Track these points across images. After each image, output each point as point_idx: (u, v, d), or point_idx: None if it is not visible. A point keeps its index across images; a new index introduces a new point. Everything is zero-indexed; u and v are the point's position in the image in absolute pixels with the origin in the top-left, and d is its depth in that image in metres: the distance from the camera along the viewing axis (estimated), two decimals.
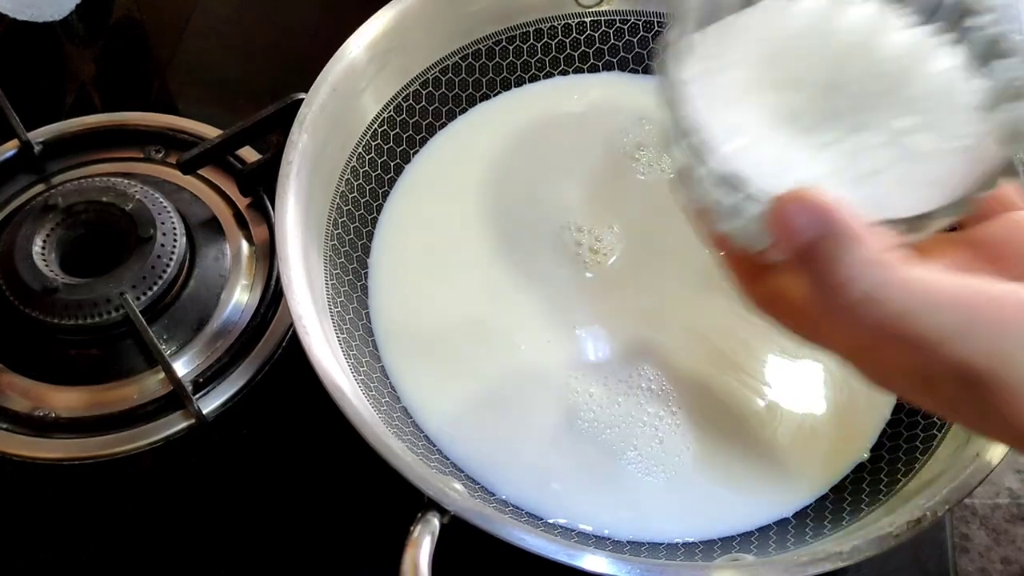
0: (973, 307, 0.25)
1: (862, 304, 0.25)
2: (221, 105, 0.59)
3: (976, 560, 0.90)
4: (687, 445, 0.42)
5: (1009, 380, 0.24)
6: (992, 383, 0.24)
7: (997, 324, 0.24)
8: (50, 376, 0.47)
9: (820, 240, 0.25)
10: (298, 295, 0.39)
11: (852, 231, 0.25)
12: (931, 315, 0.25)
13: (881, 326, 0.25)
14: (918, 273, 0.25)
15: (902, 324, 0.25)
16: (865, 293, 0.25)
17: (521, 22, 0.51)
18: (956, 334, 0.24)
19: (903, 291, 0.25)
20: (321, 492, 0.45)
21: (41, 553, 0.43)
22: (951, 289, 0.25)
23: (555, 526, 0.40)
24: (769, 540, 0.40)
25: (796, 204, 0.26)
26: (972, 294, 0.25)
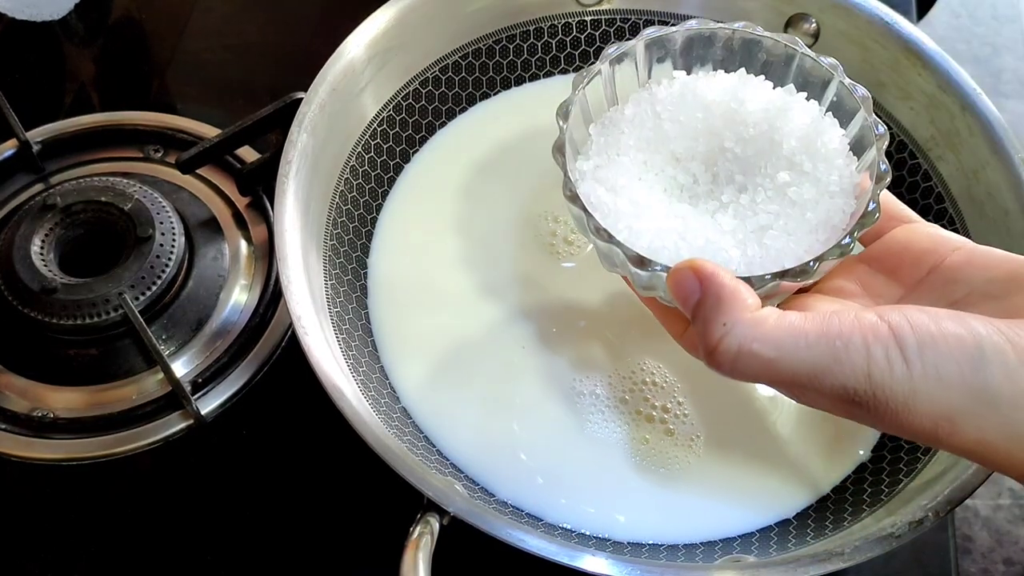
0: (838, 337, 0.27)
1: (739, 359, 0.28)
2: (220, 105, 0.59)
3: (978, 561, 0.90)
4: (691, 442, 0.42)
5: (886, 398, 0.27)
6: (871, 401, 0.27)
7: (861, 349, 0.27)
8: (49, 376, 0.47)
9: (700, 304, 0.29)
10: (297, 295, 0.39)
11: (725, 295, 0.29)
12: (800, 355, 0.28)
13: (759, 375, 0.28)
14: (787, 321, 0.28)
15: (776, 369, 0.28)
16: (739, 348, 0.28)
17: (521, 21, 0.51)
18: (827, 368, 0.27)
19: (772, 341, 0.28)
20: (321, 492, 0.45)
21: (41, 553, 0.43)
22: (815, 328, 0.28)
23: (555, 527, 0.40)
24: (770, 541, 0.39)
25: (686, 272, 0.30)
26: (837, 328, 0.27)
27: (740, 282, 0.30)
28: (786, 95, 0.37)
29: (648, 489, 0.41)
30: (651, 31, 0.38)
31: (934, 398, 0.27)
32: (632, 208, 0.35)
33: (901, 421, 0.27)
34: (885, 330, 0.27)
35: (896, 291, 0.34)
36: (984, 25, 1.39)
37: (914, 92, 0.47)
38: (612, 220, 0.34)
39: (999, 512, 0.93)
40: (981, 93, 0.45)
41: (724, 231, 0.34)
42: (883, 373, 0.27)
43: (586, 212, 0.34)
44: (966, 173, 0.45)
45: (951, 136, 0.45)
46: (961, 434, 0.27)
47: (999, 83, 1.35)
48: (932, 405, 0.27)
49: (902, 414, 0.27)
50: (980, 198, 0.44)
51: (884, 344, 0.27)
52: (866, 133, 0.35)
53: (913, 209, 0.46)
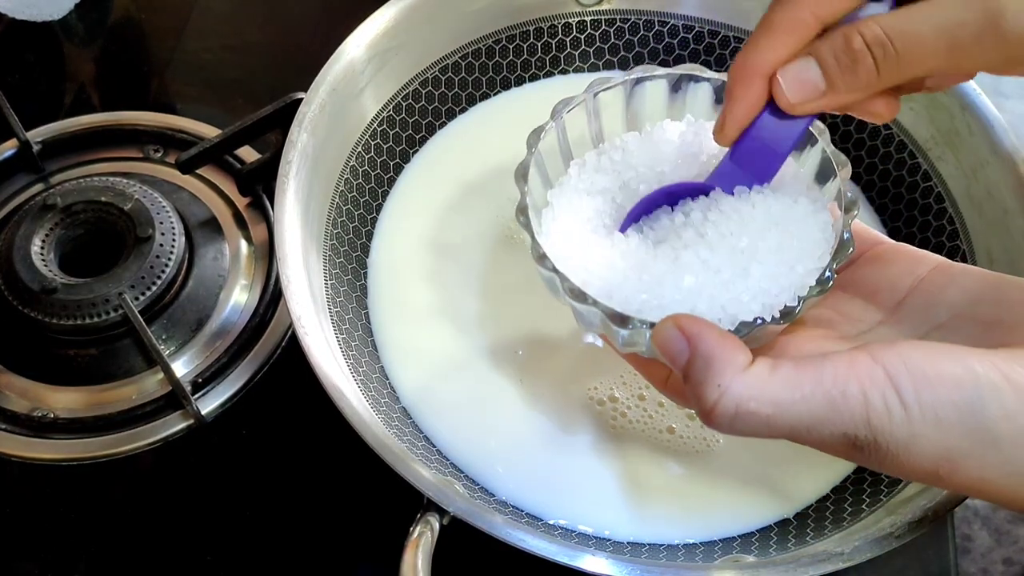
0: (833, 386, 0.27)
1: (736, 419, 0.28)
2: (220, 105, 0.59)
3: (978, 561, 0.90)
4: (696, 441, 0.42)
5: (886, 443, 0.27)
6: (872, 447, 0.27)
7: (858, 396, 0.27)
8: (49, 376, 0.47)
9: (690, 363, 0.29)
10: (297, 295, 0.39)
11: (715, 354, 0.28)
12: (798, 408, 0.27)
13: (758, 431, 0.28)
14: (781, 374, 0.27)
15: (775, 424, 0.27)
16: (736, 409, 0.27)
17: (521, 21, 0.51)
18: (825, 417, 0.27)
19: (767, 397, 0.27)
20: (321, 492, 0.45)
21: (41, 553, 0.43)
22: (810, 378, 0.27)
23: (555, 527, 0.40)
24: (770, 541, 0.39)
25: (671, 331, 0.29)
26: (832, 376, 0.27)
27: (728, 337, 0.29)
28: None
29: (648, 489, 0.41)
30: (596, 84, 0.37)
31: (934, 440, 0.26)
32: (603, 266, 0.34)
33: (902, 464, 0.27)
34: (881, 375, 0.27)
35: (875, 315, 0.33)
36: None
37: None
38: (585, 276, 0.34)
39: (999, 512, 0.93)
40: (981, 93, 0.45)
41: (700, 281, 0.33)
42: (882, 419, 0.27)
43: (558, 273, 0.33)
44: (966, 173, 0.45)
45: (951, 136, 0.45)
46: (963, 473, 0.27)
47: (999, 83, 1.35)
48: (932, 447, 0.27)
49: (903, 457, 0.27)
50: (980, 198, 0.44)
51: (881, 389, 0.27)
52: (826, 165, 0.35)
53: (913, 209, 0.46)
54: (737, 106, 0.32)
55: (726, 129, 0.33)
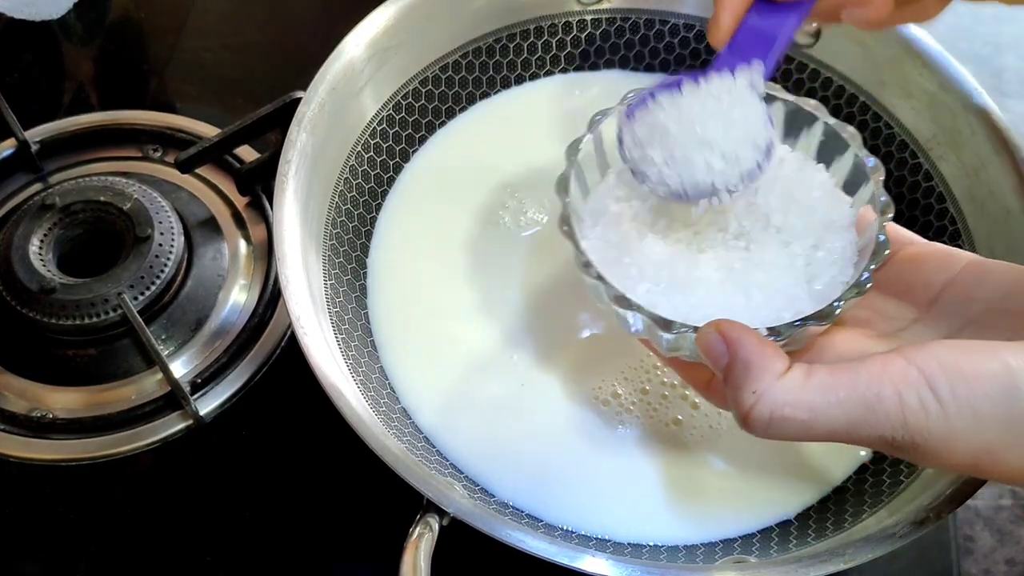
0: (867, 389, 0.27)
1: (771, 424, 0.28)
2: (219, 104, 0.59)
3: (980, 561, 0.90)
4: (696, 441, 0.41)
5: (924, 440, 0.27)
6: (910, 446, 0.27)
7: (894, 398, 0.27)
8: (47, 377, 0.47)
9: (729, 368, 0.29)
10: (296, 295, 0.39)
11: (753, 360, 0.29)
12: (833, 412, 0.28)
13: (795, 436, 0.29)
14: (816, 380, 0.28)
15: (811, 429, 0.28)
16: (771, 414, 0.28)
17: (521, 20, 0.51)
18: (862, 420, 0.28)
19: (803, 403, 0.28)
20: (320, 493, 0.45)
21: (40, 553, 0.43)
22: (846, 383, 0.28)
23: (555, 528, 0.40)
24: (771, 542, 0.39)
25: (713, 335, 0.30)
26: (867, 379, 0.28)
27: (766, 344, 0.30)
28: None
29: (648, 489, 0.41)
30: (631, 95, 0.38)
31: (972, 435, 0.27)
32: (646, 271, 0.35)
33: (942, 459, 0.28)
34: (915, 374, 0.27)
35: (909, 313, 0.34)
36: (986, 24, 1.39)
37: (915, 91, 0.47)
38: (629, 283, 0.35)
39: (1001, 512, 0.93)
40: (983, 92, 0.45)
41: (741, 286, 0.35)
42: (918, 418, 0.27)
43: (602, 281, 0.34)
44: (967, 172, 0.45)
45: (952, 135, 0.45)
46: (1003, 465, 0.27)
47: (1001, 82, 1.35)
48: (971, 442, 0.27)
49: (943, 454, 0.27)
50: (981, 197, 0.44)
51: (916, 389, 0.27)
52: (859, 169, 0.36)
53: (914, 209, 0.46)
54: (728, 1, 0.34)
55: (720, 24, 0.34)
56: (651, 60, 0.53)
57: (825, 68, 0.49)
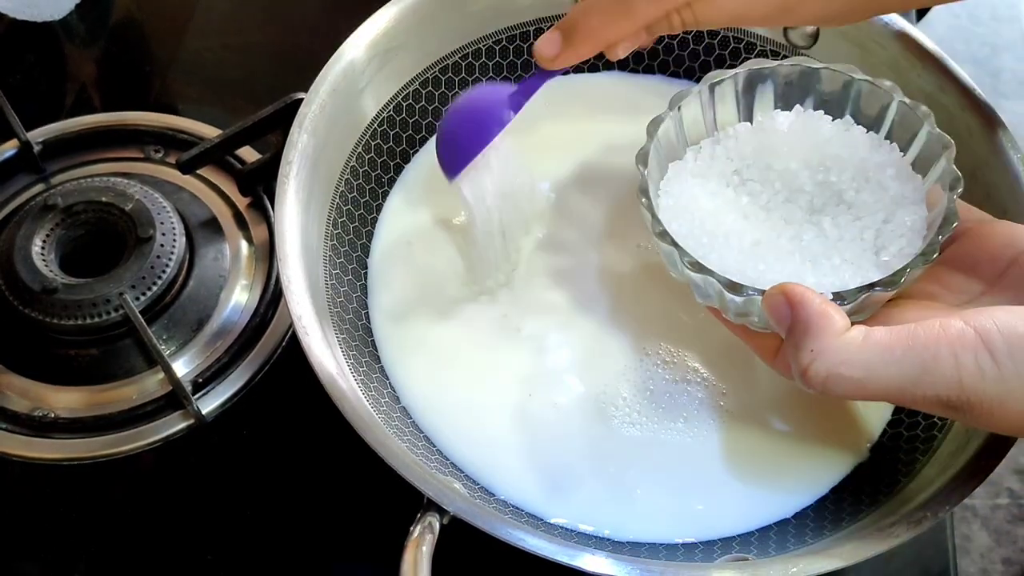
0: (924, 349, 0.28)
1: (828, 381, 0.29)
2: (221, 105, 0.59)
3: (977, 561, 0.90)
4: (696, 441, 0.42)
5: (980, 401, 0.28)
6: (965, 406, 0.28)
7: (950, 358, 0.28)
8: (49, 376, 0.47)
9: (791, 328, 0.31)
10: (297, 295, 0.39)
11: (813, 320, 0.30)
12: (889, 371, 0.29)
13: (852, 394, 0.30)
14: (873, 339, 0.29)
15: (867, 387, 0.29)
16: (828, 372, 0.29)
17: (521, 21, 0.51)
18: (918, 379, 0.28)
19: (859, 362, 0.29)
20: (321, 492, 0.45)
21: (41, 553, 0.43)
22: (902, 342, 0.29)
23: (555, 527, 0.40)
24: (769, 541, 0.40)
25: (778, 297, 0.31)
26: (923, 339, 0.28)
27: (829, 305, 0.31)
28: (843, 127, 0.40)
29: (648, 489, 0.41)
30: (712, 75, 0.41)
31: None
32: (718, 238, 0.37)
33: (997, 419, 0.28)
34: (972, 335, 0.28)
35: (977, 287, 0.34)
36: (983, 25, 1.39)
37: (913, 93, 0.47)
38: (702, 252, 0.37)
39: (998, 512, 0.93)
40: (980, 93, 0.45)
41: (810, 252, 0.36)
42: (974, 379, 0.28)
43: (677, 247, 0.36)
44: (965, 173, 0.45)
45: (950, 136, 0.45)
46: None
47: (998, 83, 1.35)
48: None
49: (997, 413, 0.28)
50: (979, 198, 0.44)
51: (973, 350, 0.28)
52: (932, 146, 0.37)
53: None
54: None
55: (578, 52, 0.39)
56: (650, 61, 0.53)
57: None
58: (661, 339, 0.44)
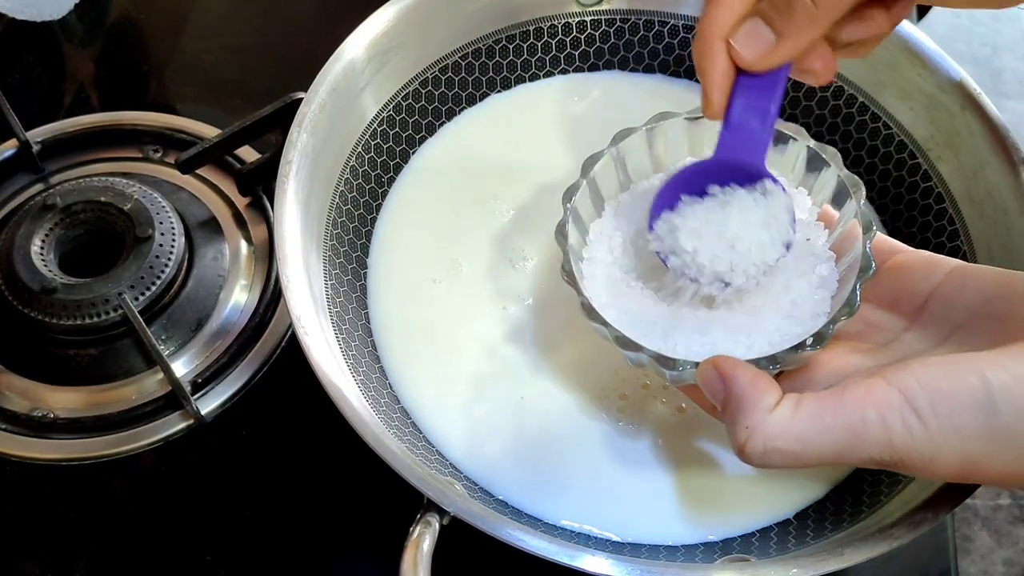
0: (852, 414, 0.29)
1: (766, 456, 0.30)
2: (220, 105, 0.59)
3: (978, 562, 0.90)
4: (696, 441, 0.42)
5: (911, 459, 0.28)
6: (899, 464, 0.29)
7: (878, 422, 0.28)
8: (48, 376, 0.47)
9: (725, 403, 0.31)
10: (297, 295, 0.39)
11: (744, 396, 0.30)
12: (823, 440, 0.29)
13: (789, 464, 0.30)
14: (804, 411, 0.29)
15: (803, 458, 0.29)
16: (764, 447, 0.30)
17: (521, 21, 0.51)
18: (851, 445, 0.29)
19: (793, 435, 0.29)
20: (321, 492, 0.45)
21: (41, 553, 0.43)
22: (832, 410, 0.29)
23: (555, 527, 0.40)
24: (770, 541, 0.39)
25: (710, 372, 0.32)
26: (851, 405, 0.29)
27: (759, 377, 0.31)
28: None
29: (648, 489, 0.41)
30: (618, 135, 0.39)
31: (955, 449, 0.28)
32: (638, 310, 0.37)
33: (930, 472, 0.29)
34: (896, 397, 0.28)
35: (899, 323, 0.35)
36: (984, 25, 1.39)
37: (914, 92, 0.47)
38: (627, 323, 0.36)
39: (999, 512, 0.93)
40: (981, 93, 0.45)
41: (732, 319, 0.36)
42: (904, 439, 0.28)
43: (607, 325, 0.35)
44: (966, 173, 0.45)
45: (951, 136, 0.45)
46: (986, 471, 0.29)
47: (999, 83, 1.35)
48: (954, 455, 0.28)
49: (929, 467, 0.29)
50: (980, 198, 0.44)
51: (899, 411, 0.28)
52: (842, 188, 0.37)
53: (913, 209, 0.46)
54: (710, 77, 0.34)
55: (711, 101, 0.34)
56: (651, 61, 0.53)
57: None
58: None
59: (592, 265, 0.38)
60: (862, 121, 0.49)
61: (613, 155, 0.40)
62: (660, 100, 0.47)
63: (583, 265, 0.38)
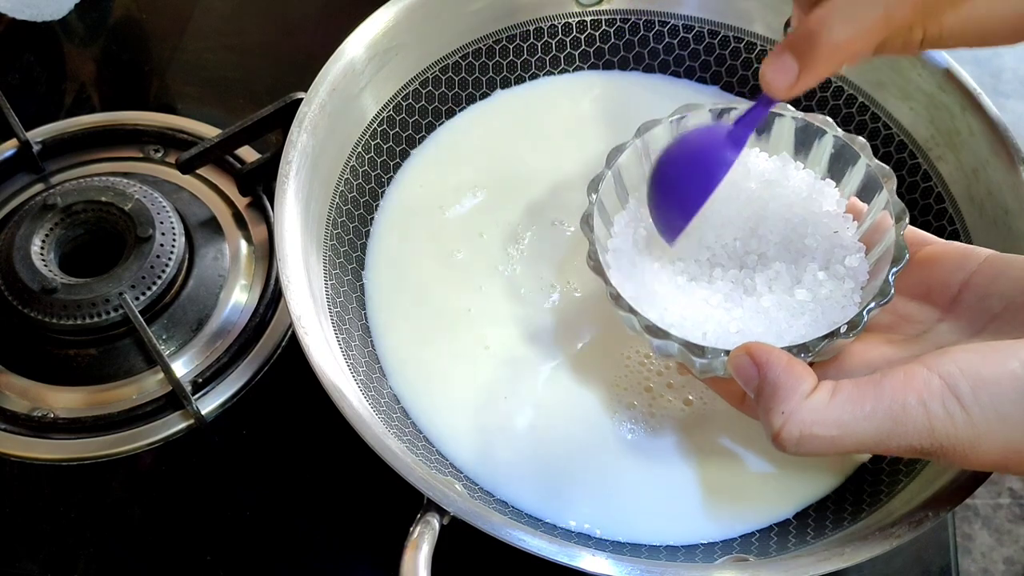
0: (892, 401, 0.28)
1: (802, 442, 0.29)
2: (220, 105, 0.59)
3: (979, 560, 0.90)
4: (696, 441, 0.42)
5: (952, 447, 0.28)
6: (939, 451, 0.28)
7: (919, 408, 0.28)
8: (49, 376, 0.47)
9: (759, 389, 0.31)
10: (297, 295, 0.39)
11: (780, 382, 0.30)
12: (862, 426, 0.29)
13: (825, 451, 0.29)
14: (842, 396, 0.29)
15: (841, 444, 0.29)
16: (801, 433, 0.29)
17: (521, 21, 0.51)
18: (891, 431, 0.28)
19: (831, 421, 0.29)
20: (321, 493, 0.45)
21: (41, 553, 0.43)
22: (871, 396, 0.28)
23: (555, 527, 0.40)
24: (770, 541, 0.39)
25: (743, 358, 0.31)
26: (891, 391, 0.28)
27: (794, 363, 0.30)
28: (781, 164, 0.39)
29: (648, 489, 0.41)
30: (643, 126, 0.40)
31: (998, 436, 0.28)
32: (669, 297, 0.37)
33: (971, 461, 0.28)
34: (937, 383, 0.28)
35: (933, 314, 0.34)
36: None
37: (914, 92, 0.47)
38: (657, 313, 0.36)
39: (999, 511, 0.93)
40: (981, 93, 0.45)
41: (766, 307, 0.36)
42: (945, 426, 0.28)
43: (635, 313, 0.35)
44: (966, 173, 0.45)
45: (951, 136, 0.45)
46: None
47: (999, 83, 1.35)
48: (997, 443, 0.28)
49: (971, 456, 0.28)
50: (980, 198, 0.44)
51: (940, 397, 0.28)
52: (872, 178, 0.37)
53: (913, 209, 0.46)
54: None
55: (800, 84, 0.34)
56: (651, 61, 0.53)
57: None
58: None
59: (618, 256, 0.38)
60: (862, 121, 0.49)
61: (638, 146, 0.40)
62: (660, 100, 0.47)
63: (608, 256, 0.38)
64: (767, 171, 0.39)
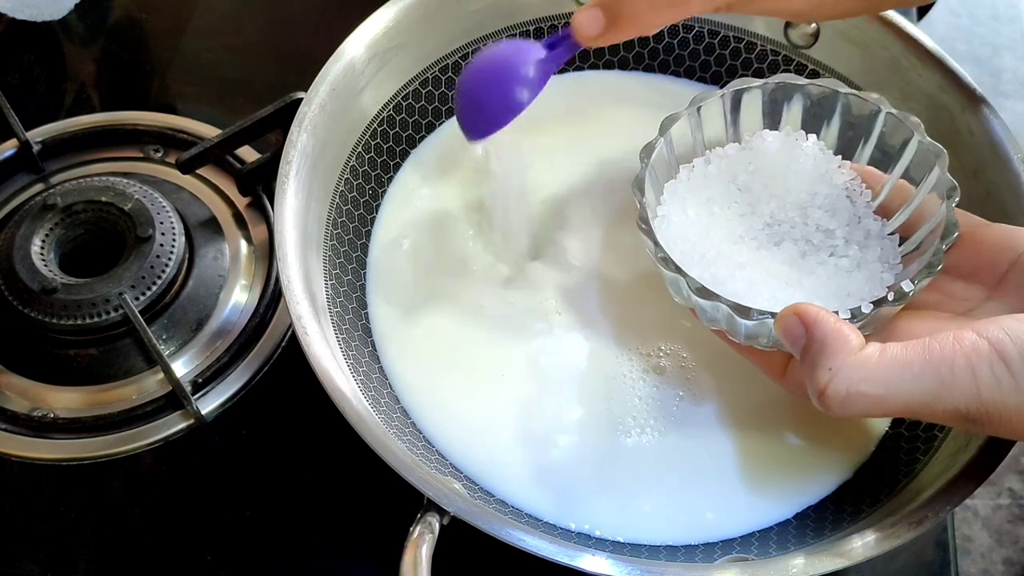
0: (941, 363, 0.28)
1: (847, 400, 0.29)
2: (220, 105, 0.59)
3: (978, 561, 0.90)
4: (696, 442, 0.42)
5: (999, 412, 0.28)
6: (984, 417, 0.28)
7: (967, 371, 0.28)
8: (49, 376, 0.47)
9: (806, 348, 0.31)
10: (297, 295, 0.39)
11: (829, 339, 0.30)
12: (909, 387, 0.29)
13: (871, 411, 0.30)
14: (889, 355, 0.29)
15: (887, 404, 0.29)
16: (848, 390, 0.29)
17: (521, 21, 0.51)
18: (937, 394, 0.28)
19: (878, 378, 0.29)
20: (321, 492, 0.45)
21: (41, 553, 0.43)
22: (919, 357, 0.29)
23: (555, 527, 0.40)
24: (770, 542, 0.39)
25: (791, 318, 0.31)
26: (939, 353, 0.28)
27: (843, 324, 0.30)
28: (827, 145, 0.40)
29: (648, 490, 0.41)
30: (697, 98, 0.41)
31: None
32: (720, 261, 0.37)
33: (1014, 428, 0.28)
34: (986, 347, 0.28)
35: (979, 293, 0.35)
36: (984, 25, 1.39)
37: (914, 93, 0.47)
38: (706, 276, 0.36)
39: (999, 512, 0.93)
40: (981, 93, 0.45)
41: (812, 275, 0.37)
42: (992, 390, 0.28)
43: (682, 274, 0.35)
44: (966, 173, 0.45)
45: (951, 136, 0.45)
46: None
47: (999, 83, 1.35)
48: None
49: (1015, 422, 0.28)
50: (980, 198, 0.44)
51: (988, 361, 0.28)
52: (925, 155, 0.38)
53: None
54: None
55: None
56: (650, 61, 0.53)
57: (824, 69, 0.49)
58: (663, 343, 0.44)
59: (666, 224, 0.39)
60: None
61: (691, 116, 0.41)
62: (661, 100, 0.47)
63: (656, 221, 0.39)
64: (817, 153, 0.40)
